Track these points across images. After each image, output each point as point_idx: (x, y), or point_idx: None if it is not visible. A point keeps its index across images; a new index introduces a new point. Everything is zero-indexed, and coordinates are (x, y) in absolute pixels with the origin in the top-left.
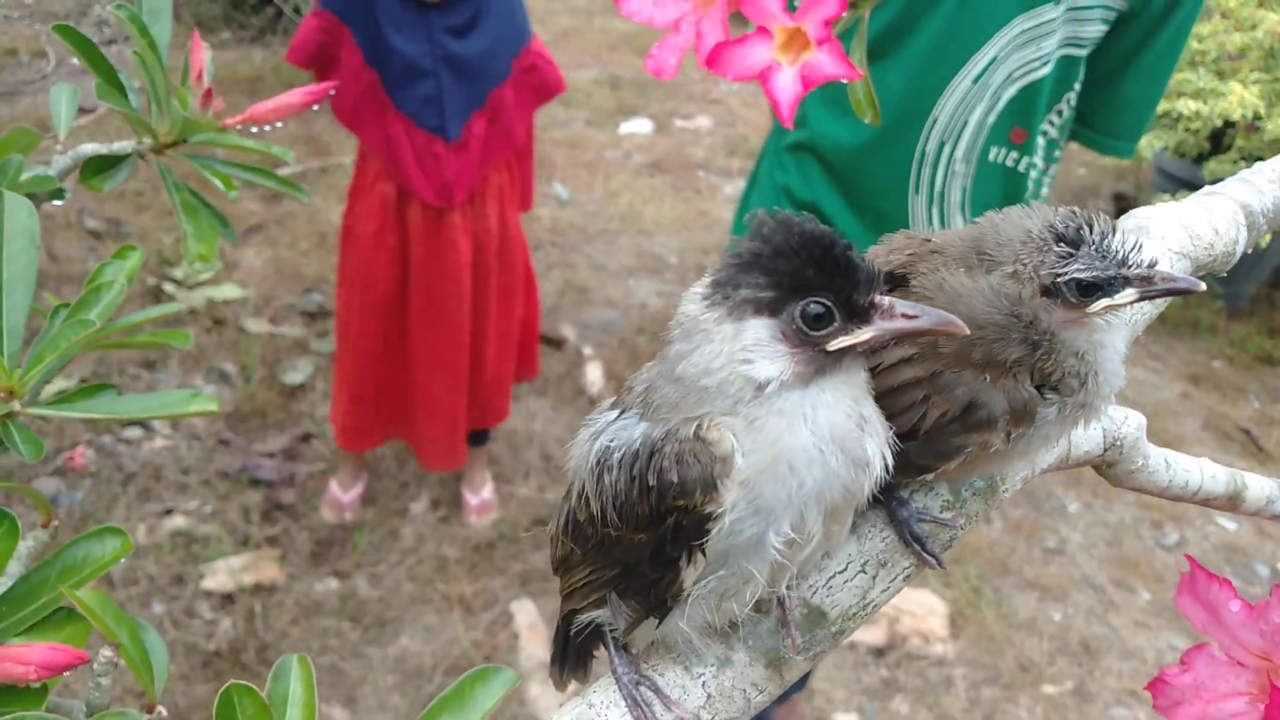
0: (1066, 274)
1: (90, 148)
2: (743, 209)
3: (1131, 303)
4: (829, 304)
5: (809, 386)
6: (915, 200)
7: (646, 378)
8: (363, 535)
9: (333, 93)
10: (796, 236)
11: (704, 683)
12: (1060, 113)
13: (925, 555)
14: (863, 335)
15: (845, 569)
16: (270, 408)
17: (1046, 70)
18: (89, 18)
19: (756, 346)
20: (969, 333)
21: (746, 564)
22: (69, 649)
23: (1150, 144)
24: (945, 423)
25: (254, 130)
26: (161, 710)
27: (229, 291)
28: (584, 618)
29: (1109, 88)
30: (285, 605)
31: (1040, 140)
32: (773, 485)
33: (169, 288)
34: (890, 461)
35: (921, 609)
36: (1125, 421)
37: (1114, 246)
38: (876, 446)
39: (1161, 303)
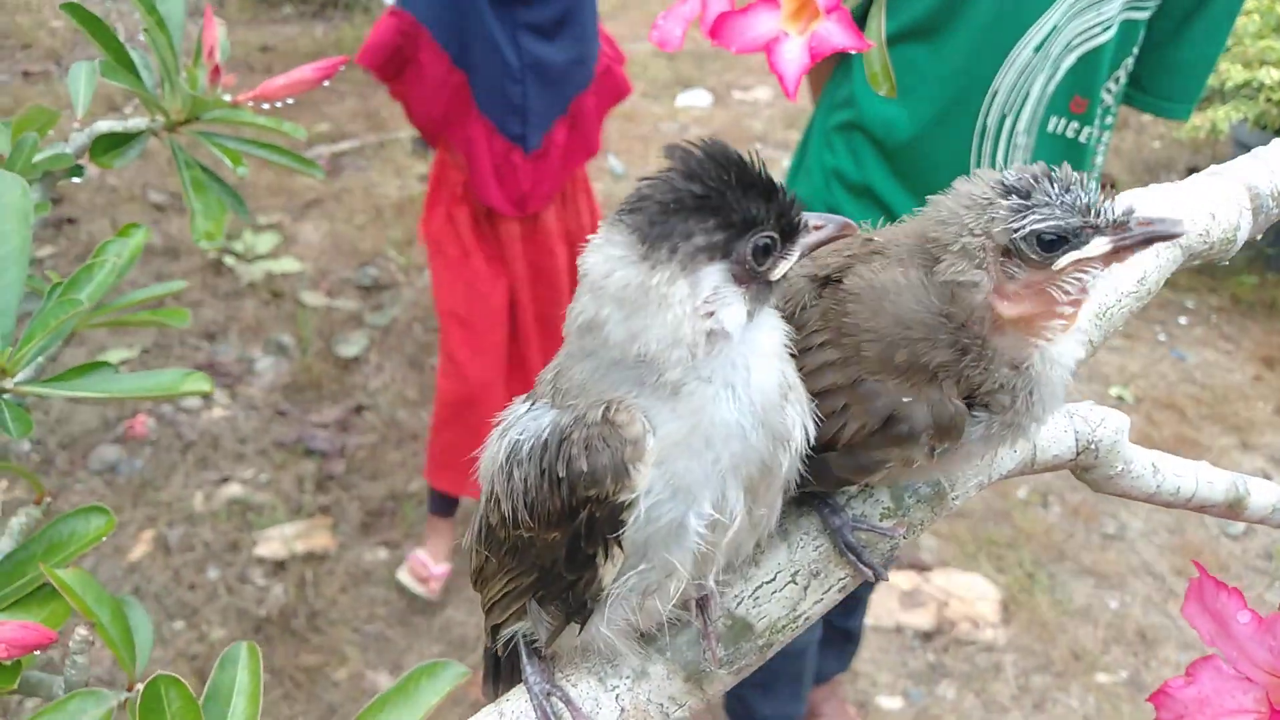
0: (1024, 227)
1: (104, 125)
2: None
3: (1106, 254)
4: (774, 235)
5: (749, 325)
6: None
7: (556, 363)
8: (411, 506)
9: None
10: (735, 169)
11: (617, 695)
12: (1118, 79)
13: (861, 566)
14: (793, 255)
15: (774, 579)
16: (325, 379)
17: (1108, 36)
18: None
19: (716, 296)
20: (856, 230)
21: (667, 555)
22: (38, 628)
23: (1228, 115)
24: (865, 435)
25: (268, 106)
26: (140, 688)
27: (287, 265)
28: (507, 632)
29: (1164, 50)
30: (335, 573)
31: (1099, 109)
32: (687, 460)
33: (229, 260)
34: (811, 432)
35: (972, 593)
36: (1101, 423)
37: (1079, 197)
38: (798, 416)
39: (1154, 275)
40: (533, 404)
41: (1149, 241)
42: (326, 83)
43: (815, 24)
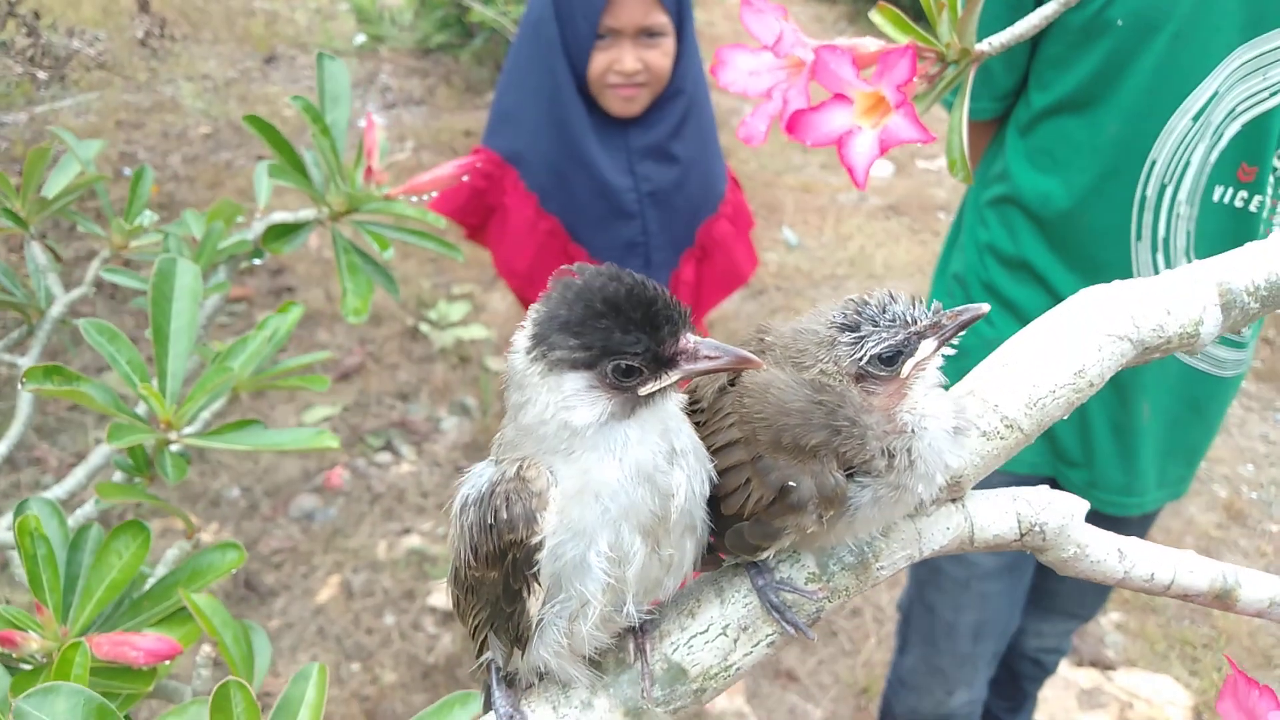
0: (864, 355)
1: (279, 216)
2: (942, 269)
3: (935, 352)
4: (636, 363)
5: (629, 420)
6: (1137, 247)
7: (502, 425)
8: None
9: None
10: (601, 302)
11: None
12: None
13: (785, 624)
14: (670, 379)
15: (706, 630)
16: None
17: (1277, 100)
18: (375, 84)
19: (575, 396)
20: (762, 366)
21: (581, 586)
22: (170, 641)
23: None
24: (765, 505)
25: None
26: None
27: (475, 332)
28: (482, 659)
29: None
30: None
31: (1270, 176)
32: (580, 509)
33: (424, 327)
34: (703, 490)
35: (1160, 697)
36: (1048, 507)
37: (896, 313)
38: (684, 477)
39: (1095, 369)
40: (486, 461)
41: (961, 327)
42: (465, 177)
43: (886, 119)
